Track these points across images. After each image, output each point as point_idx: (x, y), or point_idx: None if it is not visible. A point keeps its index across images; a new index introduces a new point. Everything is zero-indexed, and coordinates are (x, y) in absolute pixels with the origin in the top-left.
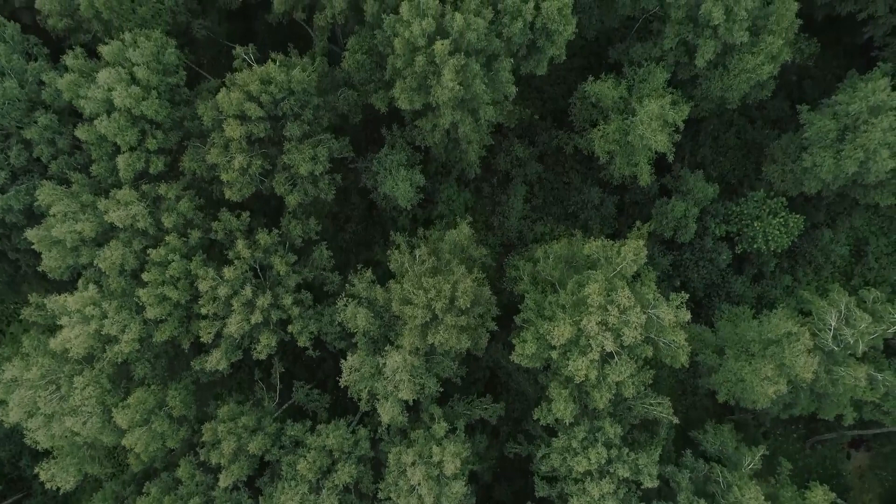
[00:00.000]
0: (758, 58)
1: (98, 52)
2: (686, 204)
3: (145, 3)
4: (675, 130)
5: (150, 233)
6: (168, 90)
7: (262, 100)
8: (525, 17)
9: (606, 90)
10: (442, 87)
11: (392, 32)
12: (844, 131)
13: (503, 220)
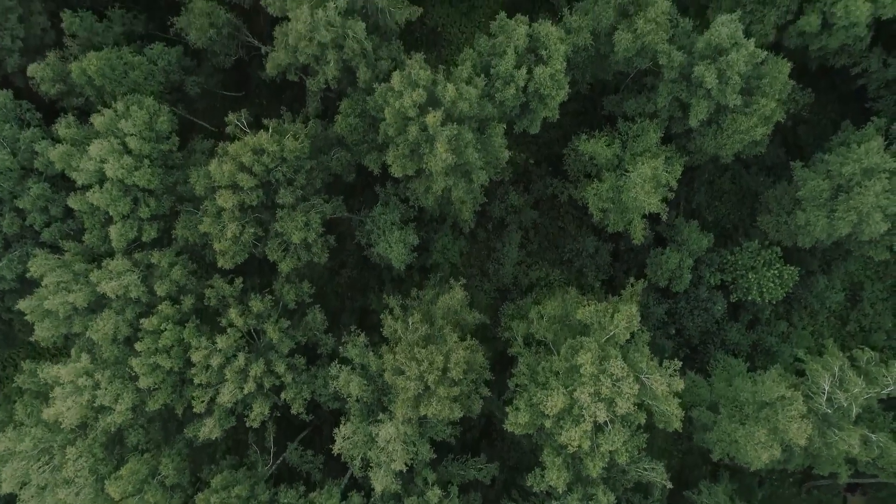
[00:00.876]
0: (751, 119)
1: (91, 117)
2: (681, 255)
3: (137, 66)
4: (668, 189)
5: (142, 300)
6: (161, 156)
7: (255, 170)
8: (518, 82)
9: (600, 149)
10: (435, 158)
11: (383, 101)
12: (838, 191)
13: (498, 266)
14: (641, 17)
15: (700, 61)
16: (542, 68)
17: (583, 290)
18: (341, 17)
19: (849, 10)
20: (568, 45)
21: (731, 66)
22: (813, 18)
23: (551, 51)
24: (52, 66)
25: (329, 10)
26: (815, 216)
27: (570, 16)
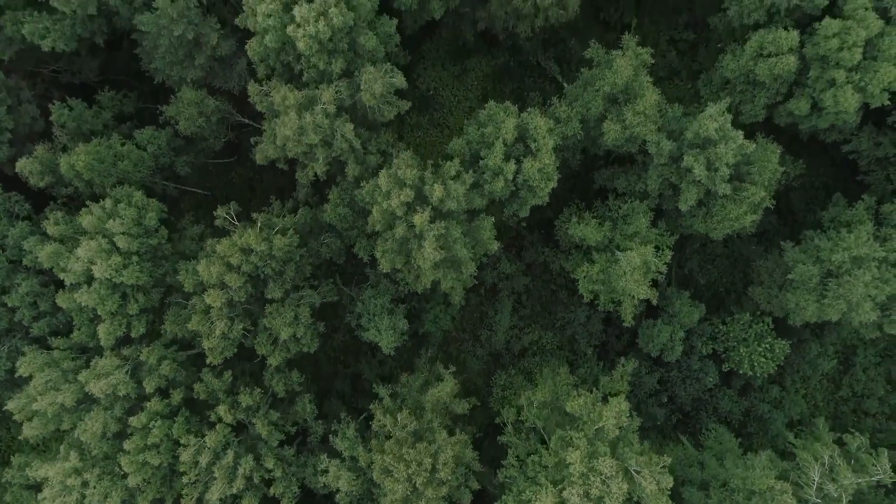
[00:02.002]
0: (741, 207)
1: (80, 215)
2: (672, 327)
3: (127, 155)
4: (658, 273)
5: (132, 395)
6: (149, 250)
7: (243, 269)
8: (506, 175)
9: (590, 233)
10: (423, 257)
11: (371, 199)
12: (827, 276)
13: (490, 333)
14: (630, 110)
15: (689, 150)
16: (531, 162)
17: (575, 354)
18: (329, 118)
19: (837, 100)
20: (557, 137)
21: (720, 158)
22: (802, 104)
23: (540, 144)
24: (40, 160)
25: (317, 114)
26: (805, 300)
27: (559, 105)
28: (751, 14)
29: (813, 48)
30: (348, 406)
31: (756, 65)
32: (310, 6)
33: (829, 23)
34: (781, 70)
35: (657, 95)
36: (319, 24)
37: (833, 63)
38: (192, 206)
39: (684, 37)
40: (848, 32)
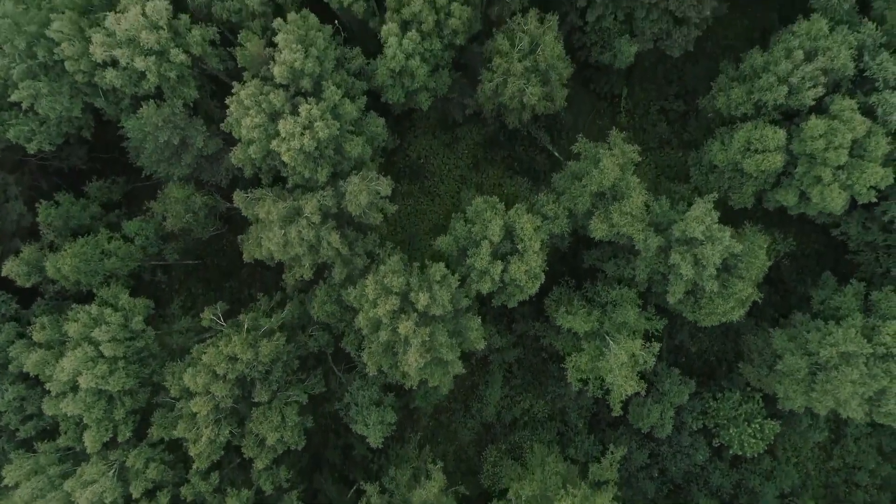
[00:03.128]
0: (728, 303)
1: (65, 324)
2: (662, 406)
3: (114, 251)
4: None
5: (119, 501)
6: (135, 352)
7: (229, 377)
8: (493, 276)
9: (578, 324)
10: (408, 364)
11: (357, 304)
12: (816, 368)
13: (481, 405)
14: (617, 210)
15: (676, 246)
16: (517, 264)
17: (566, 426)
18: (315, 228)
19: (824, 196)
20: (545, 234)
21: (707, 258)
22: (790, 196)
23: (527, 244)
24: (27, 261)
25: (301, 227)
26: (794, 391)
27: (546, 202)
28: (738, 107)
29: (800, 145)
30: (339, 477)
31: (743, 158)
32: (294, 120)
33: (815, 123)
34: (768, 167)
35: (644, 195)
36: (304, 139)
37: (820, 161)
38: (183, 274)
39: (675, 107)
40: (834, 134)
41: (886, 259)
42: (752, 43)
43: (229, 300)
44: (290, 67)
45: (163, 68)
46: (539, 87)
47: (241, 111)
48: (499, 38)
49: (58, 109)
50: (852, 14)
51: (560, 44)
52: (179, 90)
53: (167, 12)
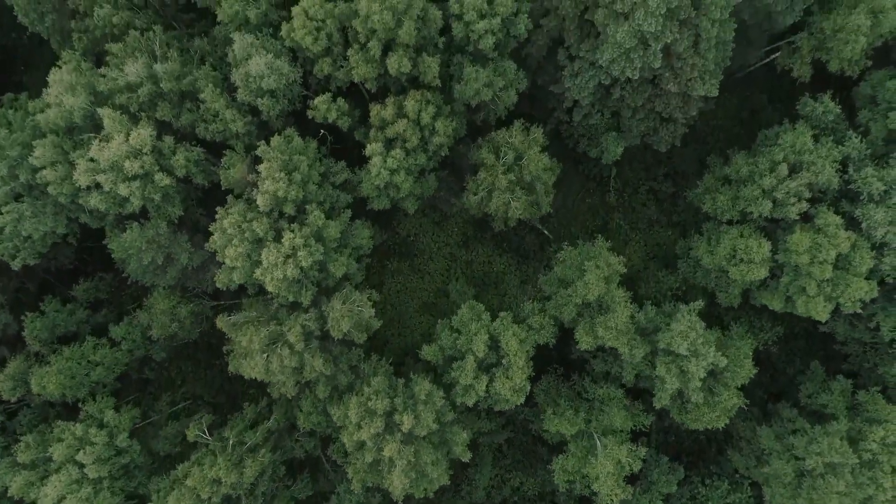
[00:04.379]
0: (714, 411)
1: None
2: (651, 495)
3: (101, 360)
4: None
5: None
6: (121, 468)
7: (213, 500)
8: (478, 391)
9: (565, 427)
10: (393, 484)
11: (341, 424)
12: (802, 474)
13: (471, 488)
14: (602, 325)
15: (662, 357)
16: (503, 380)
17: None
18: (298, 354)
19: (809, 308)
20: (530, 346)
21: (692, 372)
22: (776, 301)
23: (511, 360)
24: (12, 376)
25: (284, 355)
26: (781, 494)
27: (533, 313)
28: (724, 213)
29: (785, 255)
30: None
31: (729, 264)
32: (278, 249)
33: (800, 238)
34: (753, 278)
35: (629, 309)
36: (287, 268)
37: (805, 273)
38: (171, 354)
39: (664, 187)
40: (819, 249)
41: (874, 354)
42: (741, 122)
43: (217, 392)
44: (273, 196)
45: (147, 191)
46: (524, 199)
47: (225, 239)
48: (483, 151)
49: (41, 230)
50: (839, 121)
51: (545, 156)
52: (164, 209)
53: (151, 138)
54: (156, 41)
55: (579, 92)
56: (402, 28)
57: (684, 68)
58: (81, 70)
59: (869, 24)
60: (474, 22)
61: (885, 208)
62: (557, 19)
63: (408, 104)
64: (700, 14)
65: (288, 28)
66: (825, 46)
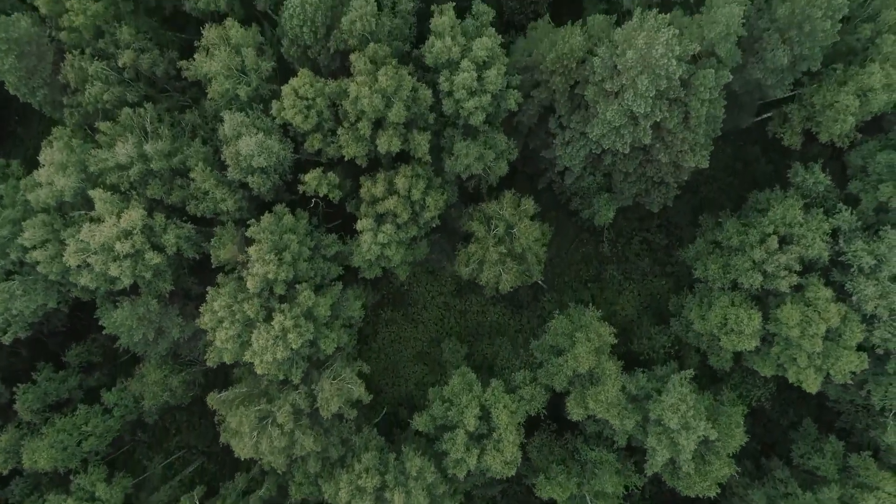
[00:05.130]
0: (705, 481)
1: None
2: None
3: (93, 429)
4: None
5: None
6: None
7: None
8: (469, 465)
9: (559, 493)
10: None
11: (331, 500)
12: None
13: None
14: (592, 398)
15: (653, 427)
16: (493, 454)
17: None
18: (287, 435)
19: (799, 378)
20: (521, 417)
21: (683, 445)
22: (767, 368)
23: (502, 433)
24: (4, 449)
25: (273, 436)
26: None
27: (524, 384)
28: (715, 281)
29: (776, 326)
30: None
31: (720, 332)
32: (268, 331)
33: (790, 313)
34: (744, 347)
35: (620, 381)
36: (277, 350)
37: (795, 345)
38: (161, 431)
39: (657, 239)
40: (809, 322)
41: (866, 416)
42: (735, 173)
43: (211, 442)
44: (263, 278)
45: (138, 269)
46: (515, 269)
47: (215, 321)
48: (474, 222)
49: (32, 307)
50: (830, 189)
51: (536, 226)
52: (155, 284)
53: (142, 217)
54: (147, 117)
55: (570, 160)
56: (392, 110)
57: (674, 142)
58: (72, 147)
59: (857, 105)
60: (464, 100)
61: (874, 281)
62: (548, 92)
63: (398, 181)
64: (689, 94)
65: (278, 107)
66: (815, 119)
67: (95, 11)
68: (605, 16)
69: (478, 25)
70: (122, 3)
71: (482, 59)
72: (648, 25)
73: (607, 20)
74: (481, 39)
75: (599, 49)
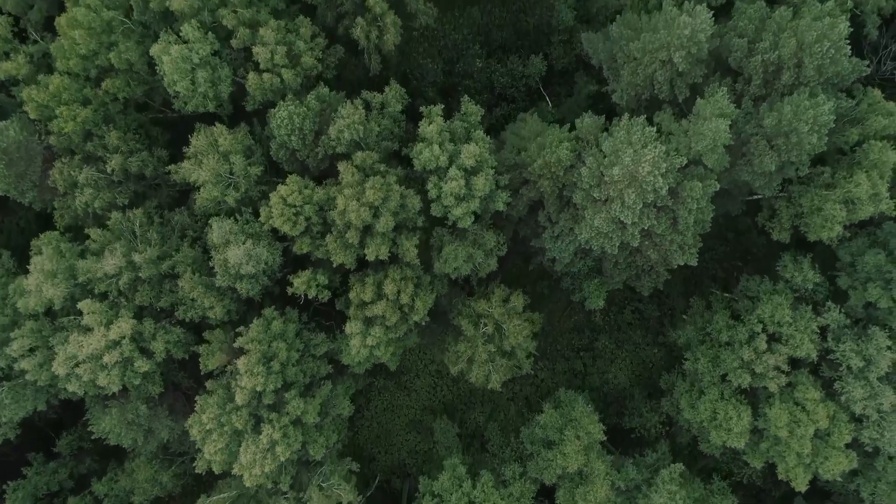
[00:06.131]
0: None
1: None
2: None
3: None
4: None
5: None
6: None
7: None
8: None
9: None
10: None
11: None
12: None
13: None
14: (581, 497)
15: None
16: None
17: None
18: None
19: (790, 476)
20: None
21: None
22: (756, 460)
23: None
24: None
25: None
26: None
27: (514, 480)
28: (705, 375)
29: (765, 422)
30: None
31: (710, 426)
32: (256, 444)
33: (779, 414)
34: (732, 445)
35: (610, 480)
36: (266, 464)
37: (784, 444)
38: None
39: (649, 309)
40: (797, 423)
41: (856, 500)
42: (726, 241)
43: None
44: (252, 391)
45: (126, 376)
46: (506, 364)
47: (204, 433)
48: (463, 321)
49: (21, 414)
50: (820, 283)
51: (527, 327)
52: (144, 387)
53: (131, 326)
54: (136, 222)
55: (559, 253)
56: (380, 221)
57: (663, 242)
58: (62, 252)
59: (844, 214)
60: (452, 207)
61: (863, 382)
62: (536, 191)
63: (387, 287)
64: (677, 203)
65: (266, 214)
66: (803, 218)
67: (85, 117)
68: (593, 118)
69: (466, 126)
70: (111, 105)
71: (470, 165)
72: (635, 139)
73: (596, 123)
74: (469, 147)
75: (587, 158)
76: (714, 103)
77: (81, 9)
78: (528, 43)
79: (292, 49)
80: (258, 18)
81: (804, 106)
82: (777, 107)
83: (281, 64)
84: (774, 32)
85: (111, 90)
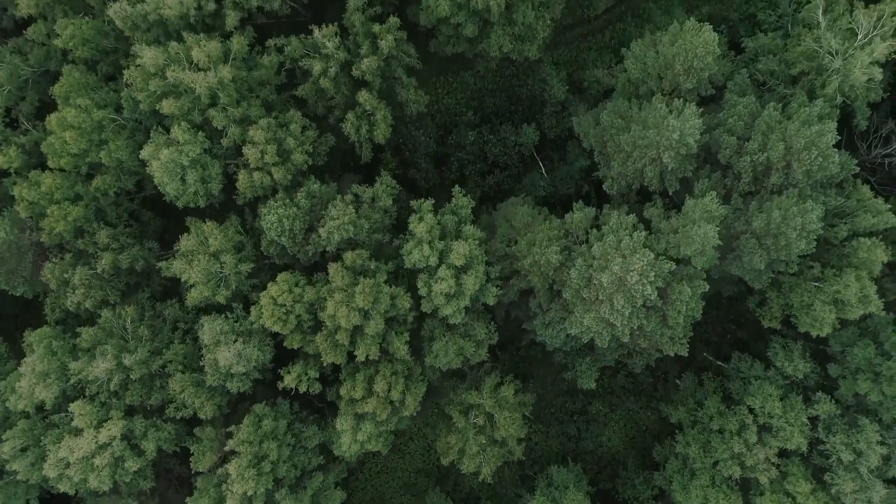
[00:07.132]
0: None
1: None
2: None
3: None
4: None
5: None
6: None
7: None
8: None
9: None
10: None
11: None
12: None
13: None
14: None
15: None
16: None
17: None
18: None
19: None
20: None
21: None
22: None
23: None
24: None
25: None
26: None
27: None
28: (696, 461)
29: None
30: None
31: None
32: None
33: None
34: None
35: None
36: None
37: None
38: None
39: (642, 376)
40: None
41: None
42: (719, 306)
43: None
44: (244, 496)
45: (117, 475)
46: (497, 453)
47: None
48: (454, 412)
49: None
50: (811, 371)
51: (518, 419)
52: (135, 483)
53: (121, 427)
54: (127, 319)
55: (550, 340)
56: (370, 324)
57: (653, 336)
58: (53, 351)
59: (833, 315)
60: (443, 306)
61: (854, 474)
62: (527, 283)
63: (377, 384)
64: (667, 303)
65: (256, 313)
66: (792, 311)
67: (76, 215)
68: (583, 211)
69: (457, 220)
70: (101, 199)
71: (460, 264)
72: (624, 245)
73: (587, 216)
74: (459, 246)
75: (577, 259)
76: (703, 206)
77: (72, 110)
78: (522, 109)
79: (283, 146)
80: (249, 114)
81: (792, 212)
82: (766, 208)
83: (271, 162)
84: (764, 133)
85: (102, 187)
